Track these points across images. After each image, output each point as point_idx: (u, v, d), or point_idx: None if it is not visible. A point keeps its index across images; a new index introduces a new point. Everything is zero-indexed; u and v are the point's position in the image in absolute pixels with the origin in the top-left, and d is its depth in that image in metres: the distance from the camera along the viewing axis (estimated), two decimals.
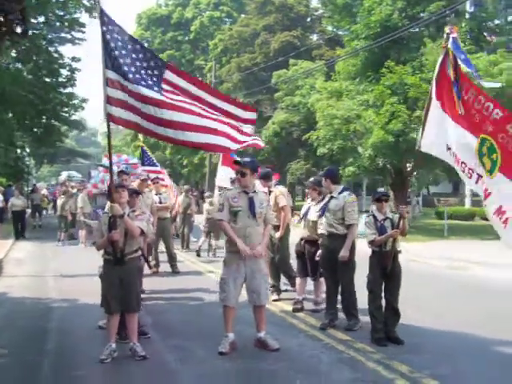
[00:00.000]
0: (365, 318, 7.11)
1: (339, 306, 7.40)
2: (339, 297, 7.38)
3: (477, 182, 5.61)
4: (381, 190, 7.04)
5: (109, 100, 5.75)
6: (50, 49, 24.74)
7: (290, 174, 32.17)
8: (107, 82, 5.71)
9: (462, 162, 5.66)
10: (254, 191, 6.40)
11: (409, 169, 22.57)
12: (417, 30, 23.02)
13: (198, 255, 14.73)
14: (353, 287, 7.22)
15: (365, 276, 6.79)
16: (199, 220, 17.35)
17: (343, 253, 7.01)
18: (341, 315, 7.40)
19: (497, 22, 24.22)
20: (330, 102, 23.16)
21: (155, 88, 5.64)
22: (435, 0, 22.40)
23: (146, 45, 38.58)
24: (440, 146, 5.99)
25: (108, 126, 5.99)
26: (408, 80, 20.42)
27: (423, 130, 6.16)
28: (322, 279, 8.07)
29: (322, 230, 7.40)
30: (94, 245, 6.25)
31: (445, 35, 5.87)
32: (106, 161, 24.98)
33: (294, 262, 8.87)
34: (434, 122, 5.97)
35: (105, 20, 5.67)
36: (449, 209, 26.23)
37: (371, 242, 6.61)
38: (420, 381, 5.31)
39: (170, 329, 7.37)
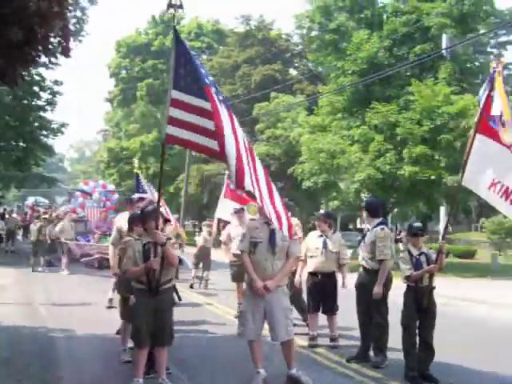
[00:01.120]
0: (392, 356, 6.99)
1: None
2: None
3: None
4: (417, 224, 6.89)
5: (170, 121, 5.57)
6: (32, 71, 24.26)
7: None
8: (172, 103, 5.55)
9: None
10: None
11: (391, 205, 22.82)
12: (401, 69, 23.54)
13: (191, 287, 14.39)
14: (385, 322, 7.04)
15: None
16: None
17: (377, 289, 6.86)
18: None
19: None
20: (314, 136, 23.33)
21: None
22: (419, 42, 23.04)
23: (124, 72, 38.51)
24: (483, 183, 5.94)
25: (163, 147, 5.84)
26: (392, 118, 20.76)
27: (465, 164, 6.10)
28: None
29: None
30: (124, 273, 5.91)
31: (491, 69, 5.89)
32: (83, 186, 24.69)
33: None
34: (479, 157, 5.93)
35: (177, 41, 5.56)
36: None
37: (407, 278, 6.47)
38: None
39: (191, 364, 7.01)
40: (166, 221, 6.37)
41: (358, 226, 35.63)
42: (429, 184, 19.87)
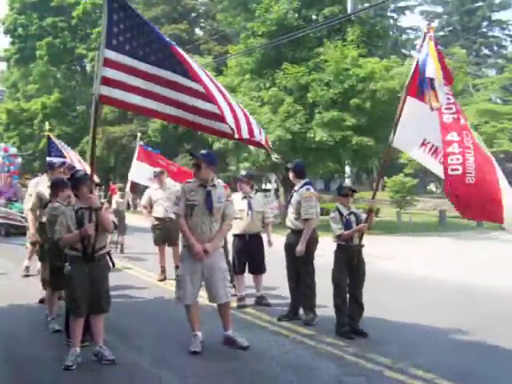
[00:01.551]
0: (322, 313, 7.24)
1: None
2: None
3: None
4: (346, 184, 7.08)
5: (104, 80, 5.30)
6: None
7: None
8: (104, 62, 5.26)
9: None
10: (213, 185, 6.11)
11: None
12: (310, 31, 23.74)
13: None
14: (312, 282, 7.23)
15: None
16: None
17: (299, 247, 7.00)
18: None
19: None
20: None
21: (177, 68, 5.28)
22: (328, 4, 23.32)
23: (20, 30, 36.24)
24: (413, 144, 6.17)
25: (96, 107, 5.59)
26: (303, 81, 21.03)
27: (395, 127, 6.29)
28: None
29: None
30: (58, 241, 5.65)
31: (422, 34, 6.05)
32: None
33: None
34: (410, 119, 6.13)
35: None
36: (323, 205, 27.23)
37: (338, 237, 6.66)
38: (407, 371, 5.43)
39: (123, 331, 6.89)
40: (97, 185, 6.14)
41: (263, 186, 36.21)
42: (337, 146, 20.38)
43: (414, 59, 6.21)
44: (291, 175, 7.36)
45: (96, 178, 6.27)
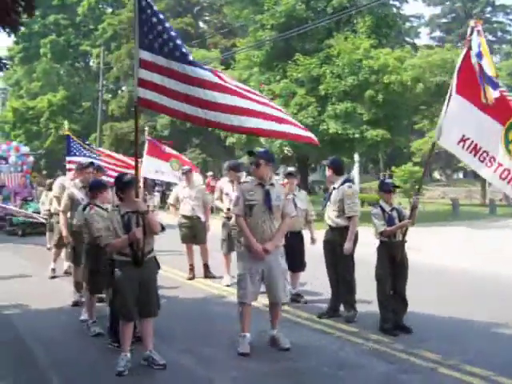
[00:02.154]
0: (363, 309, 7.24)
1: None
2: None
3: (495, 171, 5.89)
4: (388, 181, 7.02)
5: (141, 82, 5.25)
6: None
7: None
8: (140, 64, 5.22)
9: (484, 151, 5.87)
10: (271, 184, 6.11)
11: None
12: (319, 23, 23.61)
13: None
14: (352, 278, 7.21)
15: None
16: None
17: (347, 245, 6.98)
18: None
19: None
20: None
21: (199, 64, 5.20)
22: None
23: (23, 28, 36.08)
24: (453, 140, 6.12)
25: (136, 110, 5.51)
26: (314, 72, 20.93)
27: (442, 124, 6.21)
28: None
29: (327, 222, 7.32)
30: (106, 247, 5.62)
31: (469, 29, 5.95)
32: None
33: None
34: (453, 116, 6.07)
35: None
36: None
37: (381, 233, 6.62)
38: (462, 368, 5.39)
39: (164, 333, 6.83)
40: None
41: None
42: (351, 139, 20.32)
43: (460, 56, 6.10)
44: (329, 172, 7.30)
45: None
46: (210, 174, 25.78)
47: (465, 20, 58.91)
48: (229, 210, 9.33)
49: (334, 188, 7.19)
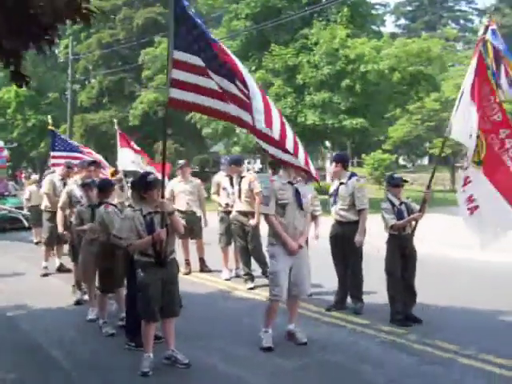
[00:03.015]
0: (368, 301, 7.40)
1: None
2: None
3: (465, 169, 6.29)
4: (397, 175, 7.14)
5: (173, 83, 5.22)
6: None
7: (159, 154, 31.45)
8: (174, 64, 5.18)
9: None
10: (298, 181, 6.20)
11: None
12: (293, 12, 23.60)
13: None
14: (360, 271, 7.34)
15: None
16: None
17: (358, 238, 7.10)
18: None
19: None
20: None
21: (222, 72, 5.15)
22: None
23: None
24: (465, 134, 6.28)
25: (166, 111, 5.53)
26: (290, 61, 20.97)
27: (454, 118, 6.36)
28: None
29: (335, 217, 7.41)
30: (128, 247, 5.57)
31: (482, 27, 6.05)
32: None
33: None
34: (463, 111, 6.22)
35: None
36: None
37: (391, 227, 6.75)
38: (482, 357, 5.57)
39: (178, 330, 6.86)
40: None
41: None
42: (331, 129, 20.48)
43: (474, 56, 6.17)
44: (338, 168, 7.36)
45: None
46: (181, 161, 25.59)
47: (429, 8, 59.83)
48: (227, 204, 9.38)
49: (342, 183, 7.26)
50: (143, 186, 5.54)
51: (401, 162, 56.66)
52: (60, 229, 8.76)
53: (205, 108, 5.41)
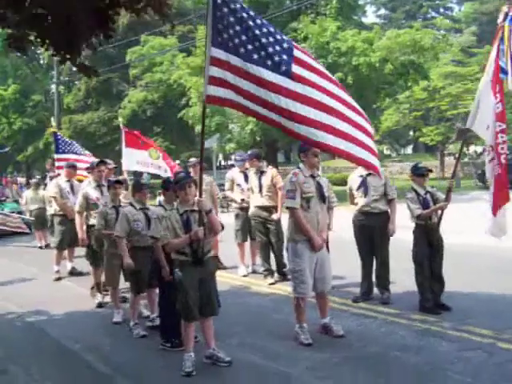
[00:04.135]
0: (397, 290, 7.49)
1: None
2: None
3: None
4: (421, 165, 7.18)
5: (211, 80, 5.15)
6: None
7: None
8: (211, 61, 5.11)
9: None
10: (318, 175, 6.21)
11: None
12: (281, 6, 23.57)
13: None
14: (388, 260, 7.39)
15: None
16: None
17: (391, 227, 7.22)
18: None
19: None
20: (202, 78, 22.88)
21: (283, 68, 5.05)
22: None
23: None
24: (482, 126, 6.33)
25: (203, 109, 5.54)
26: None
27: (474, 110, 6.40)
28: None
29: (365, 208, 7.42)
30: (165, 246, 5.55)
31: (502, 14, 6.07)
32: None
33: None
34: (482, 104, 6.27)
35: None
36: None
37: (418, 217, 6.79)
38: None
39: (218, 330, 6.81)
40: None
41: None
42: None
43: (494, 44, 6.20)
44: None
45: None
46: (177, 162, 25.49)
47: None
48: (243, 200, 9.36)
49: (370, 174, 7.20)
50: (178, 184, 5.51)
51: (385, 151, 56.93)
52: (80, 234, 8.61)
53: (244, 107, 5.32)
